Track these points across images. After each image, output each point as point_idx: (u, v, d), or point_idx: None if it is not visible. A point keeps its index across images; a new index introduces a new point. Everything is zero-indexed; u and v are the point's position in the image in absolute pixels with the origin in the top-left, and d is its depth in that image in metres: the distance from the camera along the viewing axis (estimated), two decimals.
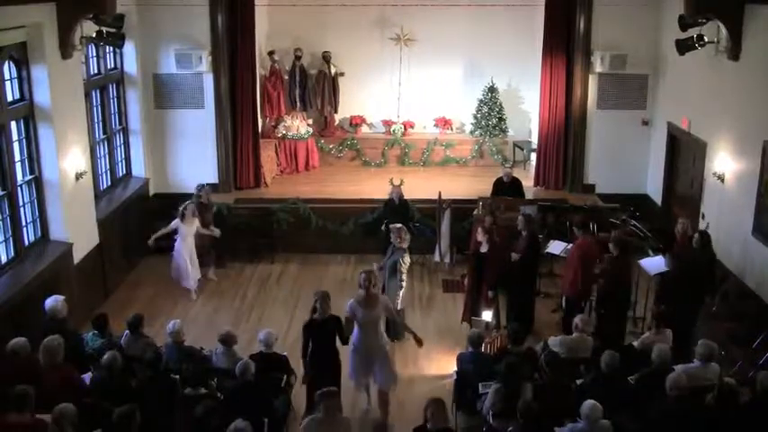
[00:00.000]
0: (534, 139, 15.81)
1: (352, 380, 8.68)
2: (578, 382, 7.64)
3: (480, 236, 10.43)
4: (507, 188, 13.30)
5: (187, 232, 11.96)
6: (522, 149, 16.31)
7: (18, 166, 9.95)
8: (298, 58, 16.14)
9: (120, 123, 13.63)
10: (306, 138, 15.96)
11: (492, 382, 7.56)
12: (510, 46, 16.16)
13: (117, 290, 12.28)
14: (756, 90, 10.17)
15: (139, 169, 14.06)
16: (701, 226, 11.76)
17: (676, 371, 7.14)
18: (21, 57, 9.91)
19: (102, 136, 12.83)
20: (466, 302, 10.82)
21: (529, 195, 13.90)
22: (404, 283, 10.28)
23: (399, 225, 10.67)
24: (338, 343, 8.37)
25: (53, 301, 8.37)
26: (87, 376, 7.68)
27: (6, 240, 9.72)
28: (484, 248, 10.39)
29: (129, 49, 13.23)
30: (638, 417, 6.93)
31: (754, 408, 6.85)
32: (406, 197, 12.90)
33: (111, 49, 12.87)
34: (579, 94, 14.29)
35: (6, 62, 9.66)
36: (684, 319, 9.39)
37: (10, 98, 9.78)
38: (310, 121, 16.26)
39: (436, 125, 16.86)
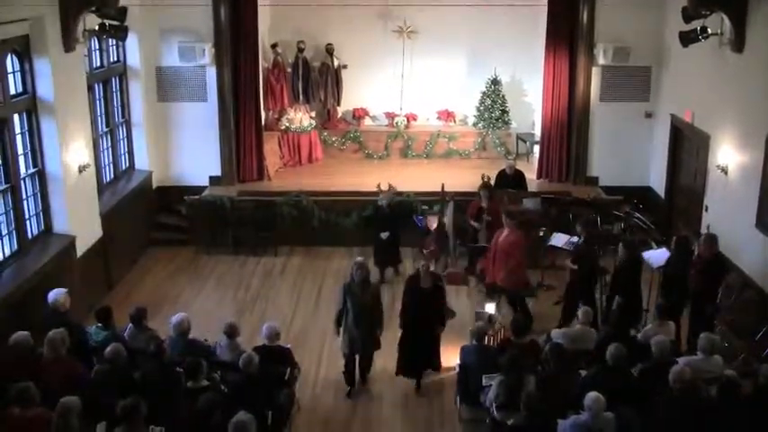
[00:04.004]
0: (537, 132, 15.76)
1: None
2: (582, 373, 7.65)
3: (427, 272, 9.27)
4: (510, 181, 13.29)
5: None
6: (525, 142, 16.27)
7: (21, 160, 9.97)
8: (300, 50, 16.09)
9: (123, 116, 13.63)
10: (309, 130, 15.94)
11: (495, 375, 7.58)
12: (513, 38, 16.09)
13: (120, 283, 12.30)
14: (760, 82, 10.13)
15: (142, 162, 14.07)
16: (704, 218, 11.77)
17: (680, 364, 7.14)
18: (23, 50, 9.90)
19: (104, 129, 12.83)
20: (399, 353, 9.41)
21: (532, 188, 13.87)
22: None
23: (360, 259, 9.36)
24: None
25: (56, 295, 8.37)
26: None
27: (9, 233, 9.74)
28: (425, 284, 9.10)
29: (131, 41, 13.20)
30: (642, 409, 6.93)
31: (758, 399, 6.85)
32: (409, 190, 12.82)
33: (114, 41, 12.87)
34: (582, 87, 14.25)
35: (9, 55, 9.66)
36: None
37: (13, 91, 9.78)
38: (313, 114, 16.23)
39: (439, 117, 16.83)
